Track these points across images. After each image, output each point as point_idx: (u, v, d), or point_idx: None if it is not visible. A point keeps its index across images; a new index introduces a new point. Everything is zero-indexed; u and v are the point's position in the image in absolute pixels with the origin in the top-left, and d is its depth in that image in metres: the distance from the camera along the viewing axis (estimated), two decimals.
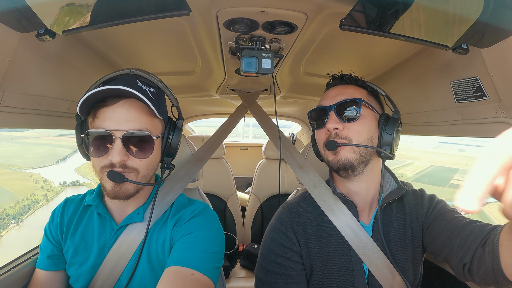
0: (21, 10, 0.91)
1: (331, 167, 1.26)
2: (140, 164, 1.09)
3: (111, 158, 1.03)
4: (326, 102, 1.27)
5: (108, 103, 1.05)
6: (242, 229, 3.31)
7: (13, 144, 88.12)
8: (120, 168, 1.05)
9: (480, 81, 1.16)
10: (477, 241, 1.03)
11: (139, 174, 1.09)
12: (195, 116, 4.07)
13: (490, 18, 0.91)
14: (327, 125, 1.22)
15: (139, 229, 1.19)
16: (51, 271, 1.24)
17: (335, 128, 1.21)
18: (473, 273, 1.02)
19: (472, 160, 0.43)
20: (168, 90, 1.23)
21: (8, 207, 46.77)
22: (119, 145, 1.03)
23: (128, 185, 1.08)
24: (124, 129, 1.04)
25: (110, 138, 1.03)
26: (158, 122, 1.16)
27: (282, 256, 1.24)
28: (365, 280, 1.23)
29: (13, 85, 1.12)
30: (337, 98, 1.24)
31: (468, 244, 1.05)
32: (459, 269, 1.08)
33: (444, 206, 1.26)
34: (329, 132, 1.23)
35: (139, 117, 1.07)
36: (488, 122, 1.20)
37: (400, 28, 1.02)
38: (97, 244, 1.20)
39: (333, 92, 1.29)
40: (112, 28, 1.02)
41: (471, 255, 1.03)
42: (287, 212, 1.33)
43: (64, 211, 1.27)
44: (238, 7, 1.08)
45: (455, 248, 1.08)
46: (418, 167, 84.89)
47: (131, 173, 1.07)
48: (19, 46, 1.07)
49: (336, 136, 1.21)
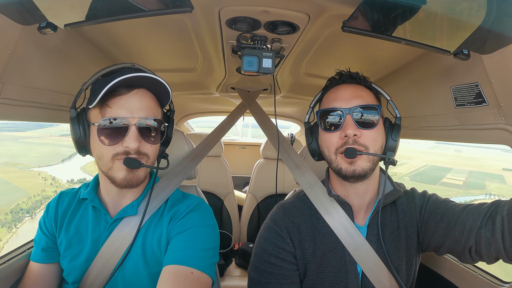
0: (23, 2, 0.91)
1: (342, 174, 1.19)
2: (150, 149, 1.15)
3: (127, 144, 1.08)
4: (340, 104, 1.19)
5: (121, 93, 1.09)
6: (238, 228, 3.31)
7: (17, 143, 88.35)
8: (135, 155, 1.09)
9: (480, 87, 1.16)
10: (477, 222, 1.05)
11: (149, 160, 1.15)
12: (195, 113, 4.07)
13: (493, 25, 0.91)
14: (346, 131, 1.14)
15: (133, 223, 1.19)
16: (45, 264, 1.24)
17: (354, 135, 1.15)
18: (482, 253, 1.04)
19: (467, 160, 0.43)
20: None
21: (21, 202, 47.47)
22: (134, 132, 1.08)
23: (140, 172, 1.13)
24: (139, 116, 1.09)
25: (126, 125, 1.08)
26: (161, 112, 1.24)
27: (275, 256, 1.24)
28: (358, 281, 1.23)
29: (13, 77, 1.11)
30: (354, 102, 1.18)
31: (468, 228, 1.06)
32: (465, 254, 1.10)
33: (436, 199, 1.26)
34: (346, 138, 1.16)
35: (150, 106, 1.14)
36: (487, 128, 1.21)
37: (402, 32, 1.02)
38: (91, 237, 1.20)
39: (347, 93, 1.22)
40: (114, 23, 1.03)
41: (474, 237, 1.05)
42: (282, 212, 1.32)
43: (58, 204, 1.28)
44: (240, 6, 1.08)
45: (457, 236, 1.09)
46: (412, 166, 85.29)
47: (143, 159, 1.12)
48: (21, 39, 1.06)
49: (355, 143, 1.15)
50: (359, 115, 1.17)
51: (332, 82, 1.31)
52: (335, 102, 1.21)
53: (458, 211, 1.13)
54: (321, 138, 1.28)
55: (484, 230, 1.03)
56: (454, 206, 1.16)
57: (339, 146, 1.18)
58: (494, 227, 1.00)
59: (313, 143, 1.33)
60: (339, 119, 1.18)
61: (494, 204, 1.06)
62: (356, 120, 1.16)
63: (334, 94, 1.25)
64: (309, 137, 1.35)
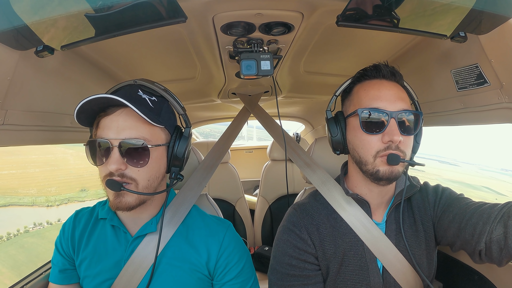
0: (19, 28, 0.92)
1: (377, 176, 1.13)
2: (138, 174, 1.06)
3: (108, 166, 1.02)
4: (385, 105, 1.12)
5: (108, 113, 1.05)
6: (252, 232, 3.30)
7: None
8: (119, 178, 1.04)
9: (481, 68, 1.16)
10: (486, 226, 1.02)
11: (139, 185, 1.07)
12: (199, 122, 4.08)
13: (486, 5, 0.91)
14: (393, 136, 1.08)
15: (156, 242, 1.17)
16: (64, 285, 1.24)
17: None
18: (492, 257, 1.01)
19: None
20: (172, 98, 1.19)
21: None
22: (116, 153, 1.02)
23: (128, 197, 1.06)
24: (120, 137, 1.03)
25: (108, 146, 1.03)
26: (159, 131, 1.13)
27: (297, 258, 1.22)
28: (380, 278, 1.21)
29: (15, 103, 1.13)
30: (399, 105, 1.12)
31: (478, 232, 1.04)
32: (475, 256, 1.08)
33: (449, 196, 1.24)
34: (389, 143, 1.11)
35: (136, 125, 1.05)
36: (491, 108, 1.20)
37: (396, 21, 1.02)
38: (112, 257, 1.19)
39: (391, 93, 1.14)
40: (110, 40, 1.03)
41: (484, 242, 1.02)
42: (300, 213, 1.29)
43: (75, 225, 1.27)
44: (233, 11, 1.08)
45: (467, 238, 1.07)
46: None
47: (130, 184, 1.06)
48: (19, 64, 1.08)
49: (397, 148, 1.10)
50: (403, 120, 1.12)
51: (368, 73, 1.21)
52: (379, 101, 1.13)
53: (470, 211, 1.10)
54: (356, 137, 1.19)
55: (494, 234, 0.99)
56: (467, 206, 1.13)
57: (381, 150, 1.12)
58: (507, 231, 0.96)
59: (339, 136, 1.25)
60: (383, 122, 1.12)
61: (506, 206, 1.02)
62: (400, 125, 1.11)
63: (377, 92, 1.16)
64: (334, 129, 1.26)
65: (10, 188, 31.80)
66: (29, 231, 27.71)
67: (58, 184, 32.89)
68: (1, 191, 31.29)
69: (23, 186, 32.80)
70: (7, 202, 30.06)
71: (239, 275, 1.20)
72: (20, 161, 34.90)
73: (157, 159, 1.12)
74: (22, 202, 30.91)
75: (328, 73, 2.02)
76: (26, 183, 33.51)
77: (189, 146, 1.22)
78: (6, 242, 25.74)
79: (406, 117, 1.13)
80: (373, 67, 1.20)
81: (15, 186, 32.17)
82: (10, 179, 32.56)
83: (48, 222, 28.60)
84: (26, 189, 32.96)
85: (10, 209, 29.36)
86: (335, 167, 1.59)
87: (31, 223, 27.99)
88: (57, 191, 32.03)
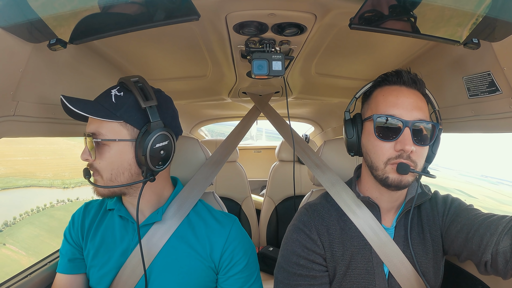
0: (33, 21, 0.93)
1: (386, 183, 1.13)
2: (100, 166, 1.10)
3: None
4: (401, 113, 1.10)
5: None
6: (257, 232, 3.31)
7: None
8: (88, 167, 1.12)
9: (493, 76, 1.15)
10: (493, 237, 1.01)
11: (103, 177, 1.11)
12: (208, 120, 4.10)
13: (501, 11, 0.90)
14: (405, 146, 1.07)
15: (163, 232, 1.21)
16: (72, 275, 1.27)
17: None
18: (498, 269, 1.01)
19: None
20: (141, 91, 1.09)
21: None
22: (85, 144, 1.09)
23: (98, 188, 1.13)
24: (86, 130, 1.11)
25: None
26: (118, 126, 1.09)
27: (305, 258, 1.22)
28: (385, 283, 1.21)
29: (26, 94, 1.14)
30: (415, 114, 1.10)
31: (485, 243, 1.03)
32: (481, 267, 1.07)
33: (458, 206, 1.23)
34: (401, 151, 1.09)
35: (91, 121, 1.12)
36: (503, 117, 1.19)
37: (410, 25, 1.02)
38: (120, 245, 1.22)
39: (409, 102, 1.12)
40: (122, 36, 1.04)
41: (490, 253, 1.01)
42: (311, 213, 1.29)
43: (85, 215, 1.31)
44: (246, 10, 1.09)
45: (474, 249, 1.07)
46: None
47: (97, 175, 1.12)
48: (32, 56, 1.09)
49: (408, 158, 1.09)
50: (418, 130, 1.11)
51: (389, 78, 1.19)
52: (395, 109, 1.12)
53: (478, 222, 1.09)
54: (370, 142, 1.18)
55: (501, 246, 0.99)
56: (475, 217, 1.12)
57: (392, 158, 1.11)
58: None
59: (354, 139, 1.24)
60: (397, 130, 1.10)
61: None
62: (414, 134, 1.09)
63: (394, 99, 1.14)
64: (350, 131, 1.25)
65: (28, 172, 33.32)
66: (54, 206, 29.99)
67: (70, 170, 34.17)
68: (21, 174, 32.89)
69: (40, 171, 34.21)
70: (28, 184, 31.74)
71: (244, 269, 1.22)
72: (30, 150, 35.99)
73: (119, 154, 1.10)
74: (41, 184, 32.53)
75: (339, 75, 2.01)
76: (41, 169, 34.97)
77: (161, 143, 1.09)
78: (37, 214, 28.05)
79: (421, 127, 1.11)
80: (394, 72, 1.18)
81: (33, 170, 33.53)
82: (26, 165, 33.63)
83: (69, 199, 30.74)
84: (43, 173, 34.51)
85: (32, 189, 31.07)
86: (343, 170, 1.59)
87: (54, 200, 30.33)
88: (71, 175, 33.63)
